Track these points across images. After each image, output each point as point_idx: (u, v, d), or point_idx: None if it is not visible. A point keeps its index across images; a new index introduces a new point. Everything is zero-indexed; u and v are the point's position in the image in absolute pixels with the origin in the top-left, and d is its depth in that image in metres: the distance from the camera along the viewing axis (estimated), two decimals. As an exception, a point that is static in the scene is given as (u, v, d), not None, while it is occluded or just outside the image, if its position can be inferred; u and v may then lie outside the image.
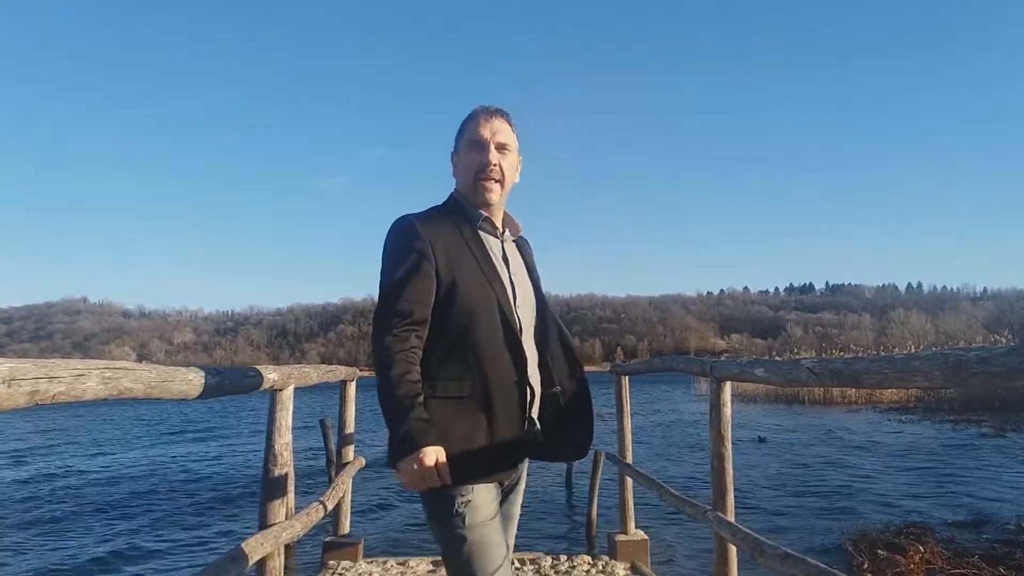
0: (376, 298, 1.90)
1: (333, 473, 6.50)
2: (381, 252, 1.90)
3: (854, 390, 25.81)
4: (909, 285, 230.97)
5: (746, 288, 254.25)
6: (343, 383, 5.48)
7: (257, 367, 2.75)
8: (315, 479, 12.37)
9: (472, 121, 1.98)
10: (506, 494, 1.98)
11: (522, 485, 2.06)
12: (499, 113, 1.99)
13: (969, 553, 6.55)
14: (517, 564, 5.12)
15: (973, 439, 17.42)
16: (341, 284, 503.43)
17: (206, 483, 13.61)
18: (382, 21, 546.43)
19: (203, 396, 2.15)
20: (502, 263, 1.95)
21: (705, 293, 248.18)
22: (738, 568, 3.64)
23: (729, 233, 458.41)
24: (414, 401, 1.71)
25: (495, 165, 1.94)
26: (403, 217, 1.93)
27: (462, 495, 1.77)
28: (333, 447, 7.20)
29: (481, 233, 1.96)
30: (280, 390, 3.05)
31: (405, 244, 1.85)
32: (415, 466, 1.68)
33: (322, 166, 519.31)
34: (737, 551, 3.57)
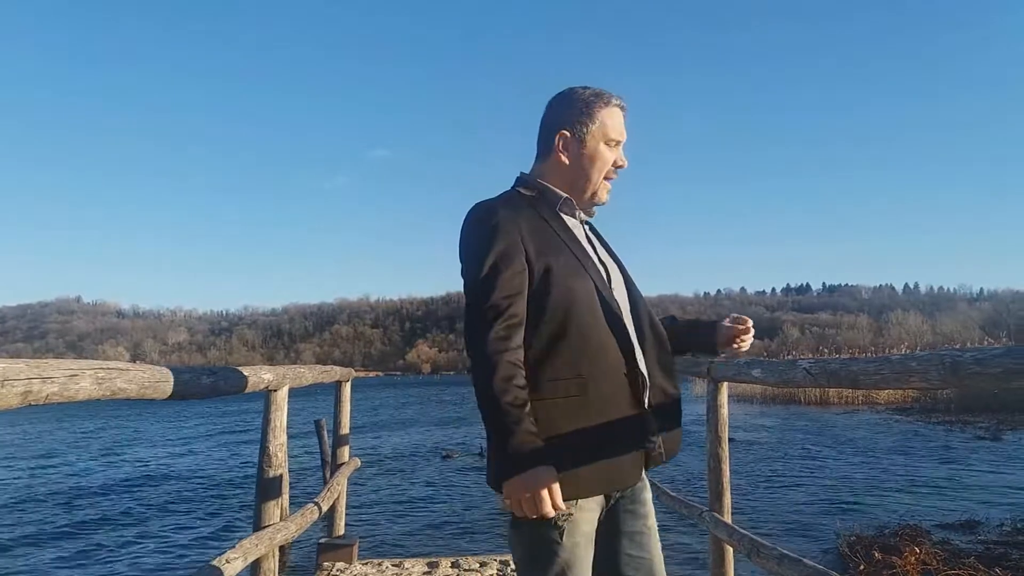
0: (464, 297, 1.68)
1: (328, 474, 6.48)
2: (460, 243, 1.68)
3: (851, 391, 25.86)
4: (906, 286, 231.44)
5: (743, 289, 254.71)
6: (338, 384, 5.47)
7: (252, 367, 2.73)
8: (310, 480, 12.35)
9: (613, 111, 1.76)
10: (622, 507, 1.72)
11: (645, 495, 1.76)
12: (626, 109, 1.80)
13: (965, 554, 6.56)
14: (512, 565, 5.10)
15: (969, 440, 17.45)
16: (336, 284, 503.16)
17: (200, 484, 13.59)
18: (383, 20, 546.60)
19: (197, 397, 2.14)
20: (589, 245, 1.76)
21: (702, 294, 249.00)
22: (735, 569, 3.64)
23: (726, 234, 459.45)
24: (522, 411, 1.48)
25: (624, 166, 1.79)
26: (483, 203, 1.70)
27: (565, 508, 1.53)
28: (328, 448, 7.18)
29: (563, 215, 1.76)
30: (275, 391, 3.04)
31: (491, 232, 1.61)
32: (526, 487, 1.45)
33: (321, 166, 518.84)
34: (734, 552, 3.57)
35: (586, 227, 1.83)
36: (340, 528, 5.40)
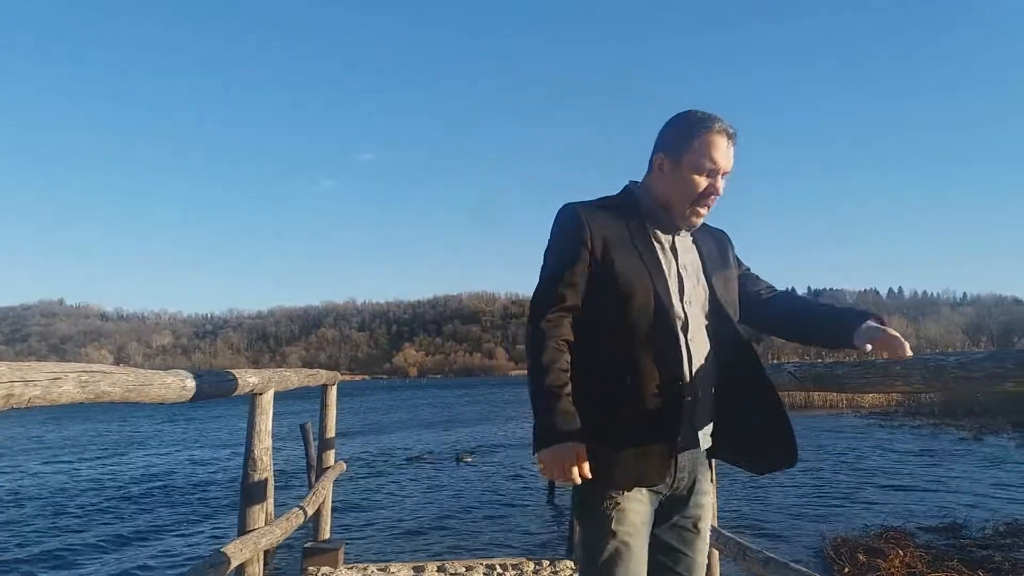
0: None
1: (313, 478, 6.45)
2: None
3: (835, 394, 25.99)
4: (891, 290, 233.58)
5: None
6: (324, 387, 5.45)
7: (237, 371, 2.72)
8: (296, 484, 12.29)
9: (711, 138, 1.76)
10: (677, 503, 1.83)
11: (701, 499, 1.86)
12: (734, 138, 1.80)
13: (948, 557, 6.60)
14: (498, 569, 5.10)
15: (952, 443, 17.59)
16: (323, 287, 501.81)
17: (185, 489, 13.49)
18: (370, 25, 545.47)
19: (182, 400, 2.12)
20: (670, 255, 1.81)
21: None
22: (721, 572, 3.64)
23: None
24: (561, 391, 1.66)
25: (719, 195, 1.81)
26: (568, 205, 1.83)
27: (612, 497, 1.71)
28: (313, 452, 7.15)
29: (652, 227, 1.82)
30: (260, 394, 3.03)
31: (565, 232, 1.78)
32: (555, 458, 1.64)
33: (309, 170, 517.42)
34: (720, 556, 3.58)
35: (683, 238, 1.87)
36: (326, 532, 5.37)
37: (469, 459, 16.62)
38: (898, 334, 1.67)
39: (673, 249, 1.83)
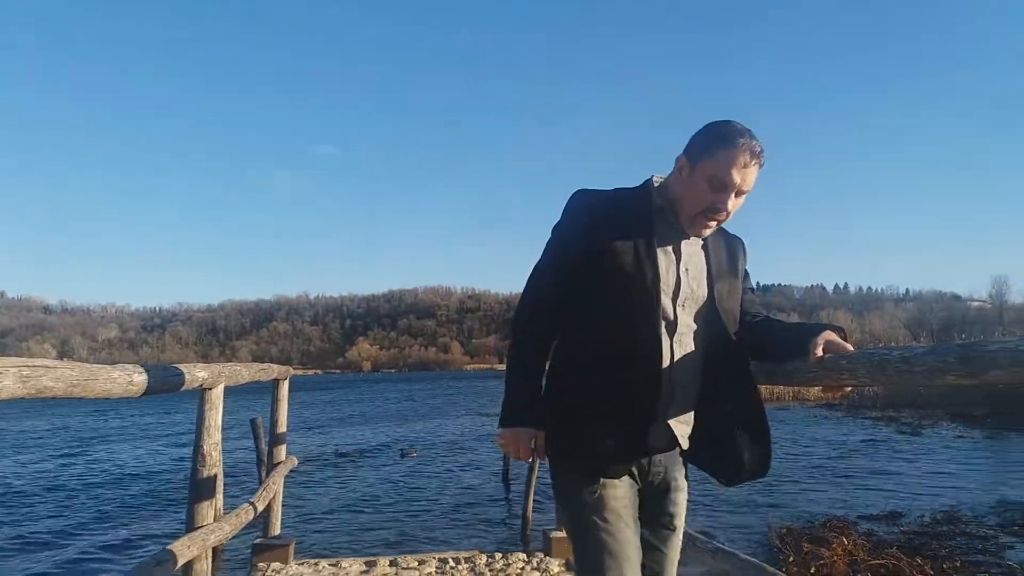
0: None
1: (264, 474, 6.37)
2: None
3: (782, 387, 26.55)
4: (836, 286, 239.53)
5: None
6: (275, 382, 5.37)
7: (185, 365, 2.67)
8: (246, 480, 12.12)
9: (733, 153, 1.70)
10: (650, 497, 1.85)
11: (676, 495, 1.88)
12: (760, 158, 1.73)
13: (888, 544, 6.82)
14: (451, 563, 5.11)
15: (893, 434, 18.15)
16: (275, 280, 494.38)
17: (132, 485, 13.21)
18: (329, 15, 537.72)
19: (128, 395, 2.08)
20: (672, 256, 1.80)
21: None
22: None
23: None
24: (536, 376, 1.78)
25: (728, 212, 1.77)
26: (580, 192, 1.85)
27: (590, 486, 1.75)
28: (264, 447, 7.06)
29: (658, 226, 1.80)
30: (209, 389, 2.98)
31: (569, 220, 1.83)
32: (514, 438, 1.78)
33: (263, 160, 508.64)
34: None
35: (690, 241, 1.84)
36: (276, 528, 5.31)
37: (414, 454, 16.57)
38: (844, 344, 1.74)
39: (677, 251, 1.81)
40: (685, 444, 1.83)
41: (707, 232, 1.81)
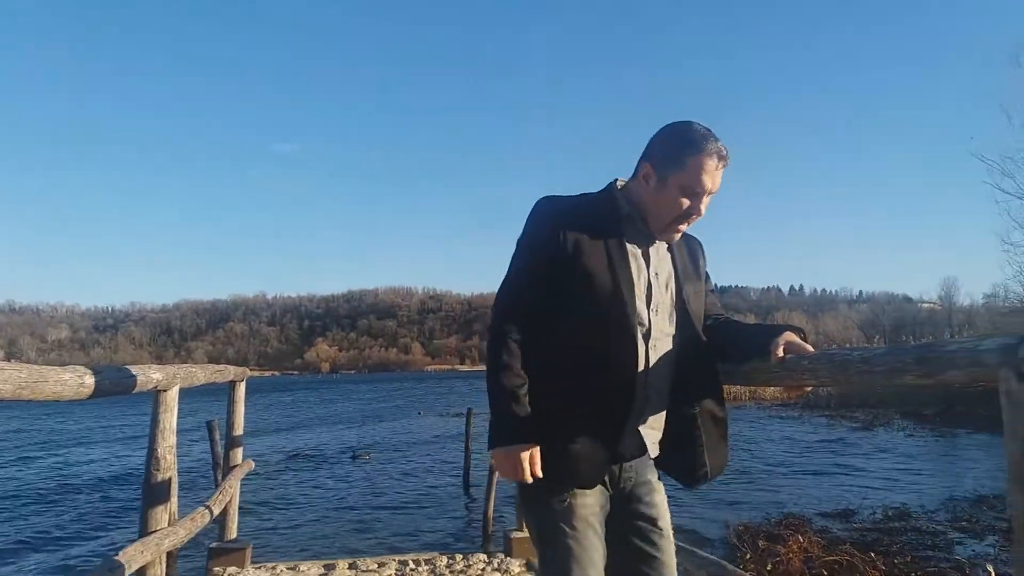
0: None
1: (220, 477, 6.26)
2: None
3: (739, 387, 26.91)
4: (792, 287, 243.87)
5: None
6: (232, 384, 5.28)
7: (139, 366, 2.60)
8: (202, 483, 11.91)
9: (703, 160, 1.71)
10: (631, 505, 1.82)
11: (654, 497, 1.85)
12: (726, 160, 1.74)
13: (842, 541, 6.97)
14: (411, 565, 5.07)
15: (846, 433, 18.55)
16: (232, 280, 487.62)
17: (85, 490, 12.92)
18: (287, 11, 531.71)
19: (79, 398, 2.02)
20: (641, 263, 1.79)
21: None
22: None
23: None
24: (519, 391, 1.69)
25: (701, 215, 1.77)
26: (544, 199, 1.83)
27: (560, 495, 1.72)
28: (220, 450, 6.94)
29: (627, 231, 1.80)
30: (164, 391, 2.91)
31: (538, 228, 1.78)
32: (508, 458, 1.69)
33: (221, 158, 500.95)
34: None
35: (658, 246, 1.84)
36: (233, 532, 5.22)
37: (367, 457, 16.43)
38: (805, 344, 1.76)
39: (646, 256, 1.81)
40: (655, 451, 1.83)
41: (678, 236, 1.82)
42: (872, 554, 6.31)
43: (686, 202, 1.74)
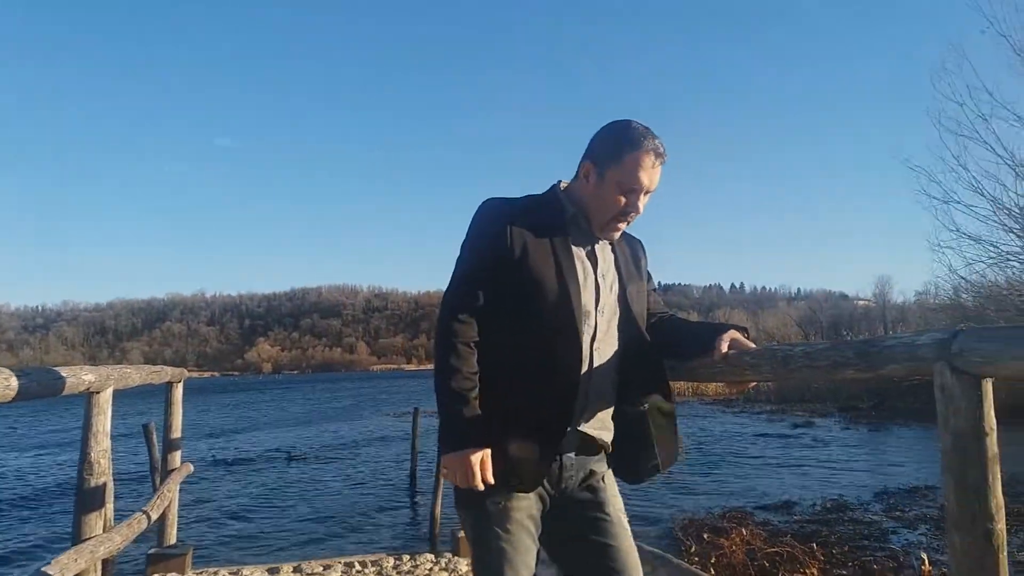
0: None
1: (158, 481, 6.10)
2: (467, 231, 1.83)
3: (683, 383, 27.38)
4: (733, 285, 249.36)
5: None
6: (169, 385, 5.17)
7: (70, 367, 2.52)
8: (140, 488, 11.58)
9: (640, 157, 1.73)
10: (572, 500, 1.81)
11: (599, 485, 1.84)
12: (663, 157, 1.76)
13: (783, 533, 7.15)
14: (357, 566, 5.02)
15: (786, 429, 19.03)
16: (169, 278, 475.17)
17: (13, 496, 12.42)
18: (232, 4, 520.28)
19: (3, 400, 1.94)
20: (587, 264, 1.81)
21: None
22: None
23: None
24: (469, 395, 1.67)
25: (639, 213, 1.79)
26: (490, 200, 1.82)
27: (494, 497, 1.71)
28: (157, 453, 6.74)
29: (572, 233, 1.81)
30: (97, 393, 2.82)
31: (484, 229, 1.77)
32: (459, 463, 1.66)
33: (156, 151, 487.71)
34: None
35: (602, 246, 1.86)
36: (172, 537, 5.11)
37: (303, 457, 16.18)
38: (747, 342, 1.82)
39: (592, 257, 1.83)
40: (604, 450, 1.84)
41: (618, 234, 1.84)
42: (813, 545, 6.48)
43: (625, 199, 1.76)
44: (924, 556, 6.13)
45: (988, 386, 1.22)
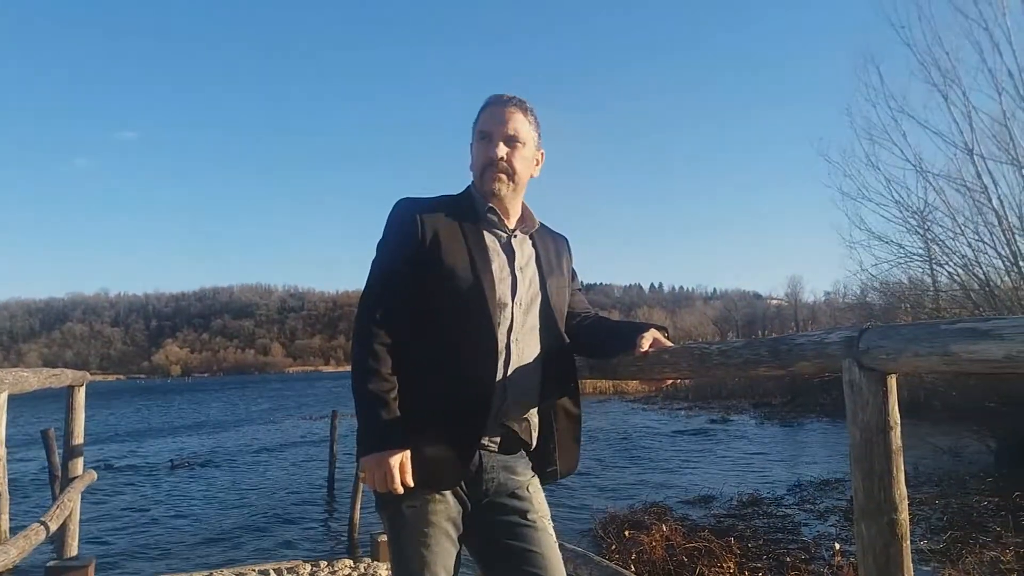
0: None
1: (57, 490, 5.81)
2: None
3: (604, 381, 27.82)
4: (652, 285, 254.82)
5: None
6: (70, 389, 4.93)
7: (-40, 372, 2.37)
8: (38, 497, 11.01)
9: (483, 111, 1.86)
10: (494, 503, 1.78)
11: (520, 491, 1.81)
12: (512, 103, 1.84)
13: (701, 528, 7.33)
14: (273, 574, 4.90)
15: (704, 424, 19.57)
16: (69, 277, 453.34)
17: None
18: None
19: None
20: (503, 257, 1.82)
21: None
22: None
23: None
24: (387, 395, 1.65)
25: (502, 159, 1.81)
26: (402, 200, 1.84)
27: (412, 499, 1.69)
28: (57, 461, 6.42)
29: (485, 225, 1.83)
30: (-10, 398, 2.66)
31: (397, 227, 1.78)
32: (378, 465, 1.63)
33: (58, 146, 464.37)
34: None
35: (520, 240, 1.88)
36: (73, 549, 4.88)
37: (184, 466, 15.62)
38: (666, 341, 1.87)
39: (508, 249, 1.84)
40: (527, 446, 1.85)
41: (497, 187, 1.84)
42: (730, 540, 6.66)
43: (483, 149, 1.84)
44: (836, 547, 6.39)
45: (893, 382, 1.27)
